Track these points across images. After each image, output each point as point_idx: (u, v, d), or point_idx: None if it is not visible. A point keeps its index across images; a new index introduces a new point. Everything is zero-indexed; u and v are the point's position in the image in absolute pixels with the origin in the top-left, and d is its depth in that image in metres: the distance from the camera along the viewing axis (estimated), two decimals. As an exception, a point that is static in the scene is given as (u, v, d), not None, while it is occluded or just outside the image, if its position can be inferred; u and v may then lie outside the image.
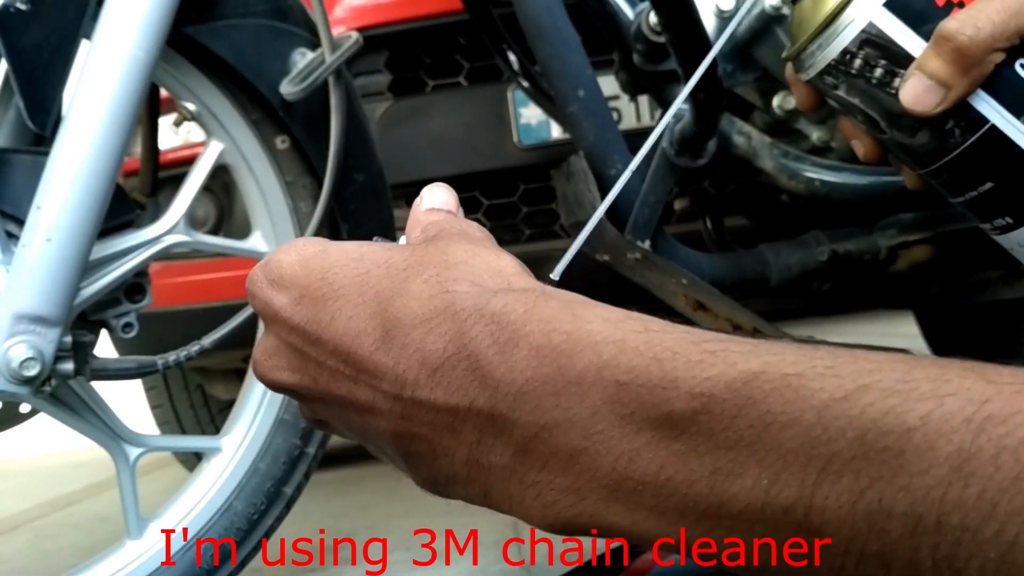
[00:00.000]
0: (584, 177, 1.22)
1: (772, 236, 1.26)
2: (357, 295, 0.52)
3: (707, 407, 0.42)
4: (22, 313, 1.10)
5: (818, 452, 0.39)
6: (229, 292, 1.94)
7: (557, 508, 0.46)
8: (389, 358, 0.50)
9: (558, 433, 0.45)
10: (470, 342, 0.48)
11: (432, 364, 0.48)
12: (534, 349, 0.46)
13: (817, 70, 0.87)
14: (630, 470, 0.43)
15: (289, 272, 0.55)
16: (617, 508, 0.44)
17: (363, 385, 0.51)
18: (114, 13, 1.13)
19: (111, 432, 1.28)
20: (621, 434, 0.44)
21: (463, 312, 0.49)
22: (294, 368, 0.55)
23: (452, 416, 0.48)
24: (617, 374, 0.44)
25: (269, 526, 1.38)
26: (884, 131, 0.86)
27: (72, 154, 1.11)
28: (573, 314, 0.47)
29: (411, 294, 0.51)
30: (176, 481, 2.44)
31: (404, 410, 0.50)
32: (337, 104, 1.25)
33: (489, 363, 0.47)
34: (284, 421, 1.38)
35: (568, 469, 0.45)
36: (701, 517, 0.42)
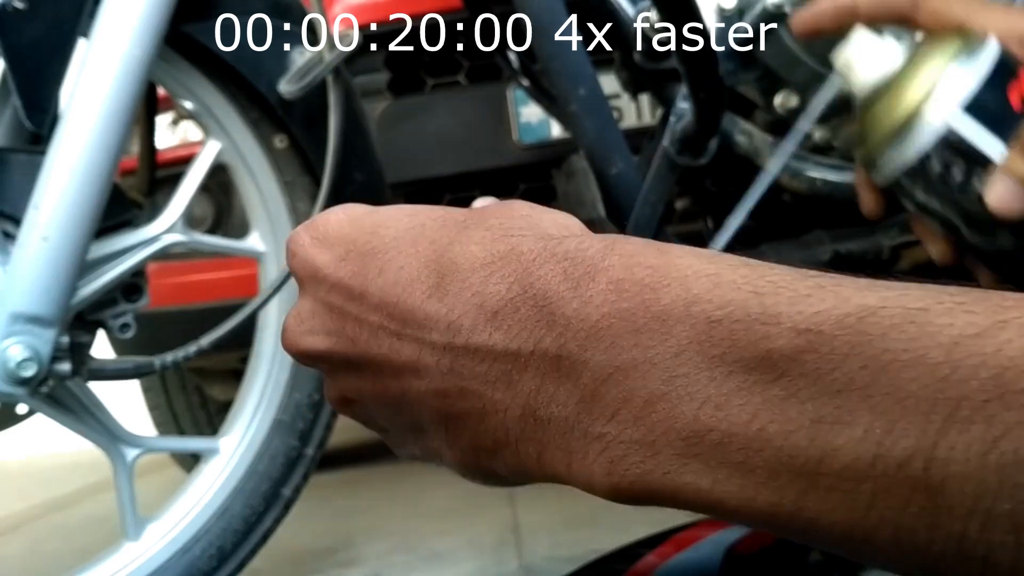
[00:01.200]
0: (585, 176, 1.22)
1: (774, 236, 1.25)
2: (410, 245, 0.49)
3: (814, 345, 0.37)
4: (19, 313, 1.10)
5: (945, 395, 0.34)
6: (227, 292, 1.94)
7: (624, 465, 0.41)
8: (442, 305, 0.46)
9: (635, 375, 0.40)
10: (538, 280, 0.43)
11: (491, 307, 0.44)
12: (613, 283, 0.41)
13: (894, 174, 0.87)
14: (715, 419, 0.38)
15: (336, 229, 0.52)
16: (695, 465, 0.39)
17: (408, 340, 0.47)
18: (112, 11, 1.13)
19: (108, 433, 1.28)
20: (709, 377, 0.38)
21: (530, 253, 0.44)
22: (329, 331, 0.51)
23: (511, 362, 0.43)
24: (709, 309, 0.39)
25: (267, 528, 1.38)
26: (962, 234, 0.86)
27: (69, 153, 1.11)
28: (659, 249, 0.42)
29: (471, 240, 0.47)
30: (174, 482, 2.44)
31: (454, 362, 0.45)
32: (336, 103, 1.25)
33: (560, 299, 0.42)
34: (282, 422, 1.38)
35: (642, 418, 0.40)
36: (796, 475, 0.37)
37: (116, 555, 1.30)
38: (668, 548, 1.30)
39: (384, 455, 3.09)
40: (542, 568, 1.54)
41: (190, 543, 1.32)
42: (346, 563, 1.75)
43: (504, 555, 1.66)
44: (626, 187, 1.20)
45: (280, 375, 1.39)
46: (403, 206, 0.52)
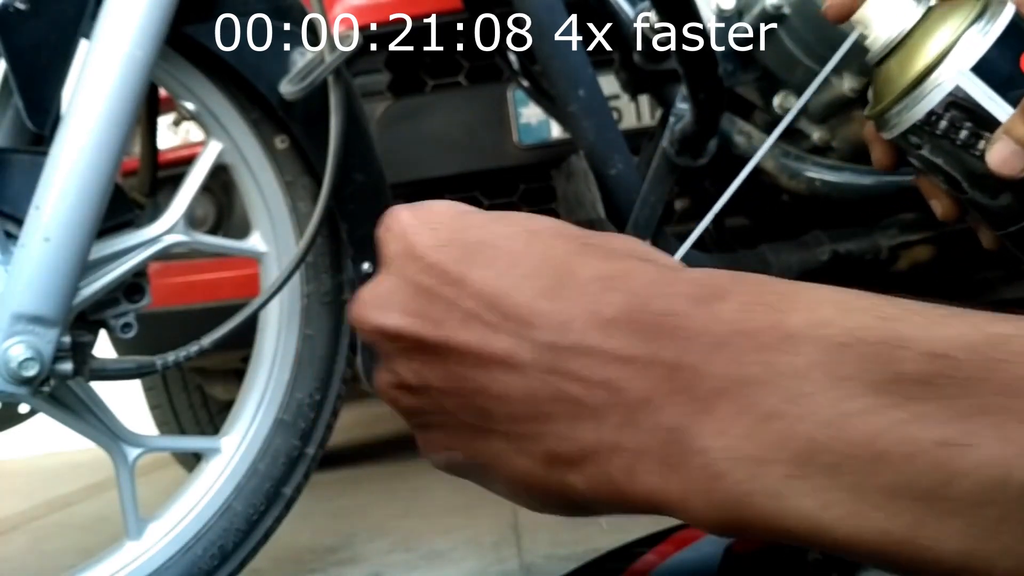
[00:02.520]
0: (584, 177, 1.22)
1: (773, 236, 1.26)
2: (524, 246, 0.46)
3: (945, 370, 0.36)
4: (21, 313, 1.10)
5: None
6: (228, 292, 1.94)
7: (727, 483, 0.39)
8: (554, 305, 0.43)
9: (755, 390, 0.39)
10: (661, 297, 0.42)
11: (608, 314, 0.42)
12: (742, 304, 0.40)
13: (901, 130, 0.89)
14: (834, 440, 0.37)
15: (443, 217, 0.49)
16: (804, 487, 0.37)
17: (506, 333, 0.44)
18: (113, 12, 1.14)
19: (110, 432, 1.28)
20: (833, 398, 0.37)
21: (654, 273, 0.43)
22: (411, 310, 0.47)
23: (621, 369, 0.41)
24: (838, 333, 0.38)
25: (268, 527, 1.38)
26: (965, 191, 0.89)
27: (71, 154, 1.12)
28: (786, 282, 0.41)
29: (592, 255, 0.45)
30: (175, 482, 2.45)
31: (555, 362, 0.43)
32: (337, 103, 1.25)
33: (685, 315, 0.41)
34: (283, 422, 1.38)
35: (754, 434, 0.38)
36: (915, 500, 0.36)
37: (118, 554, 1.30)
38: (667, 547, 1.30)
39: (384, 455, 3.10)
40: (542, 566, 1.54)
41: (192, 542, 1.33)
42: (347, 561, 1.76)
43: (504, 553, 1.66)
44: (625, 187, 1.21)
45: (281, 375, 1.39)
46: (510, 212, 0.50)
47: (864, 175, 1.18)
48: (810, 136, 1.21)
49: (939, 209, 0.94)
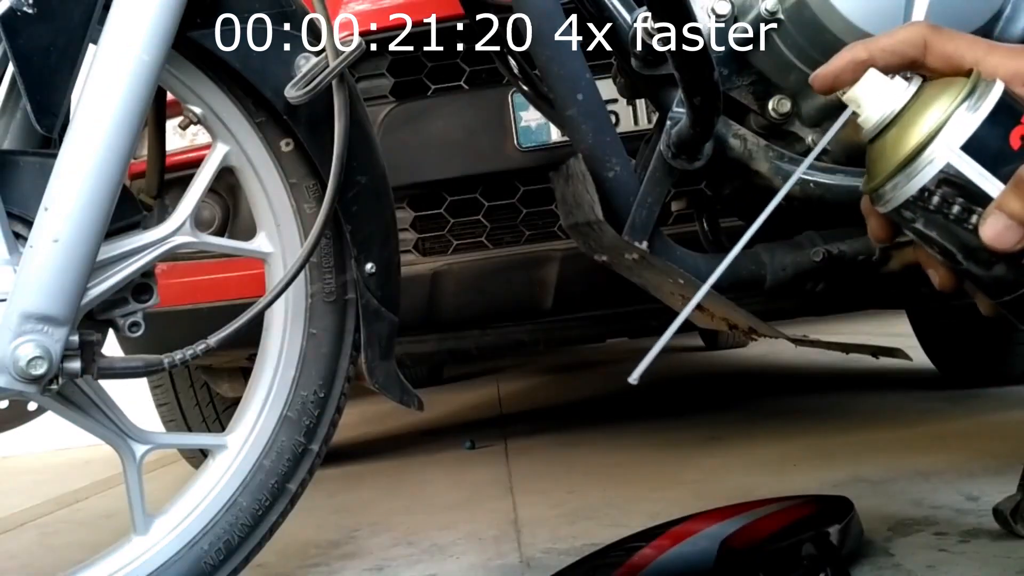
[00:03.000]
0: (583, 179, 1.23)
1: (767, 237, 1.27)
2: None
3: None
4: (30, 312, 1.11)
5: None
6: (234, 292, 1.96)
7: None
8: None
9: None
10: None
11: None
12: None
13: (895, 205, 0.92)
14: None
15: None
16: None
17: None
18: (120, 17, 1.14)
19: (118, 430, 1.29)
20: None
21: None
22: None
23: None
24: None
25: (273, 522, 1.40)
26: (960, 263, 0.91)
27: (79, 156, 1.12)
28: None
29: None
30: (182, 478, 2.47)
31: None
32: (340, 108, 1.26)
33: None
34: (288, 418, 1.40)
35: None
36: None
37: (125, 549, 1.32)
38: (664, 541, 1.32)
39: (387, 451, 3.11)
40: (541, 561, 1.55)
41: (198, 537, 1.34)
42: (350, 556, 1.77)
43: (504, 548, 1.68)
44: (623, 190, 1.22)
45: (286, 373, 1.40)
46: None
47: (857, 177, 1.19)
48: (804, 139, 1.23)
49: (936, 279, 0.97)
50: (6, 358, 1.11)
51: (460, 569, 1.59)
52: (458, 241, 1.94)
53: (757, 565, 1.26)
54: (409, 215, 1.93)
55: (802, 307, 2.27)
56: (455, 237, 1.94)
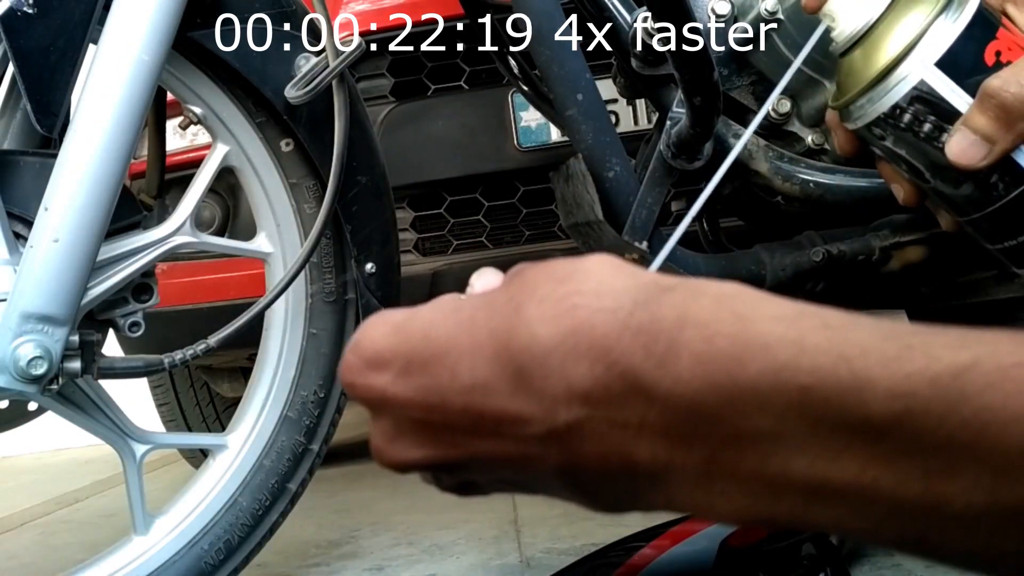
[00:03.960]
0: (583, 179, 1.23)
1: (767, 237, 1.27)
2: (469, 343, 0.45)
3: (910, 408, 0.36)
4: (30, 312, 1.11)
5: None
6: (234, 292, 1.96)
7: (753, 511, 0.41)
8: (531, 399, 0.43)
9: (743, 443, 0.40)
10: (621, 357, 0.41)
11: (582, 389, 0.42)
12: (696, 358, 0.40)
13: (865, 122, 0.90)
14: (830, 473, 0.38)
15: (384, 344, 0.48)
16: (818, 509, 0.40)
17: (509, 438, 0.45)
18: (120, 17, 1.14)
19: (118, 430, 1.29)
20: (814, 436, 0.38)
21: (601, 327, 0.42)
22: (424, 443, 0.48)
23: (621, 438, 0.42)
24: (799, 377, 0.38)
25: (273, 521, 1.40)
26: (928, 180, 0.89)
27: (79, 156, 1.12)
28: (735, 314, 0.41)
29: (531, 321, 0.44)
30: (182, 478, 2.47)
31: (562, 448, 0.43)
32: (340, 108, 1.26)
33: (650, 379, 0.41)
34: (288, 418, 1.40)
35: (758, 478, 0.40)
36: (915, 516, 0.38)
37: (125, 549, 1.32)
38: (664, 541, 1.32)
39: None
40: (541, 560, 1.56)
41: (198, 537, 1.34)
42: (350, 555, 1.77)
43: (504, 548, 1.68)
44: (623, 190, 1.22)
45: (286, 373, 1.40)
46: (439, 302, 0.49)
47: (857, 177, 1.19)
48: (804, 139, 1.23)
49: (900, 194, 0.96)
50: (6, 358, 1.11)
51: (460, 569, 1.59)
52: (458, 241, 1.94)
53: (757, 565, 1.26)
54: (409, 215, 1.93)
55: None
56: (455, 237, 1.94)
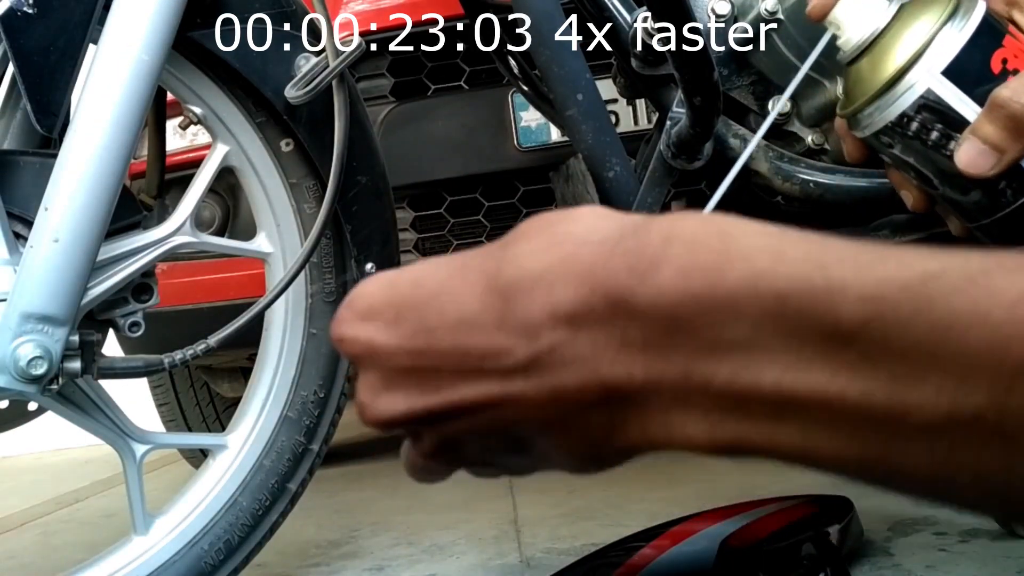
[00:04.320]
0: (583, 179, 1.23)
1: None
2: (460, 283, 0.48)
3: (880, 311, 0.38)
4: (30, 312, 1.11)
5: (1011, 353, 0.35)
6: (234, 292, 1.96)
7: (724, 429, 0.42)
8: (516, 327, 0.45)
9: (717, 352, 0.41)
10: (605, 279, 0.43)
11: (566, 310, 0.44)
12: (678, 270, 0.41)
13: (873, 130, 0.90)
14: (798, 384, 0.39)
15: (378, 297, 0.50)
16: (788, 427, 0.41)
17: (494, 374, 0.46)
18: (121, 17, 1.14)
19: (118, 430, 1.29)
20: (786, 347, 0.40)
21: (588, 255, 0.44)
22: (408, 392, 0.49)
23: (600, 357, 0.43)
24: (776, 284, 0.40)
25: (273, 521, 1.40)
26: (936, 187, 0.90)
27: (79, 156, 1.12)
28: (720, 231, 0.42)
29: (521, 255, 0.46)
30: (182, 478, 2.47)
31: (544, 374, 0.45)
32: (340, 108, 1.26)
33: (631, 294, 0.42)
34: (288, 418, 1.40)
35: (730, 388, 0.41)
36: (879, 430, 0.39)
37: (125, 549, 1.32)
38: (664, 541, 1.32)
39: (387, 451, 3.11)
40: (542, 560, 1.55)
41: (198, 537, 1.34)
42: (350, 556, 1.77)
43: (504, 548, 1.68)
44: (623, 190, 1.22)
45: (286, 373, 1.40)
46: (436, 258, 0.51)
47: (857, 177, 1.19)
48: (804, 139, 1.23)
49: (909, 200, 0.97)
50: (6, 358, 1.11)
51: (460, 569, 1.59)
52: (458, 241, 1.94)
53: (757, 565, 1.26)
54: (409, 215, 1.93)
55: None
56: (455, 237, 1.94)
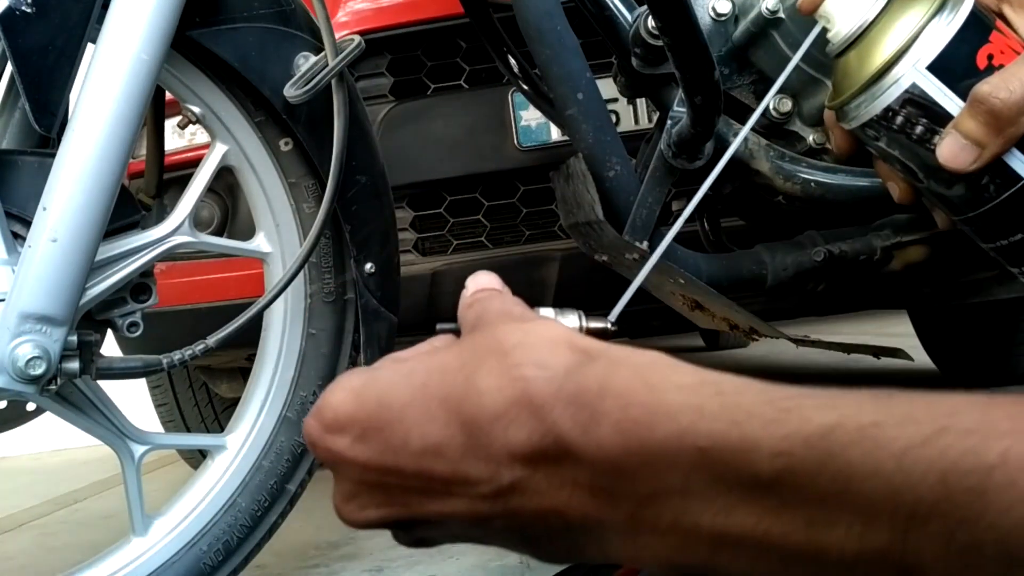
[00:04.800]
0: (583, 178, 1.23)
1: (768, 237, 1.27)
2: (423, 410, 0.51)
3: (789, 466, 0.42)
4: (28, 313, 1.11)
5: (903, 499, 0.39)
6: (233, 292, 1.95)
7: (673, 559, 0.47)
8: (477, 462, 0.49)
9: (658, 498, 0.45)
10: (553, 427, 0.47)
11: (522, 452, 0.48)
12: (614, 425, 0.46)
13: (860, 122, 0.91)
14: (729, 525, 0.44)
15: (343, 411, 0.53)
16: (725, 557, 0.45)
17: (459, 497, 0.51)
18: (119, 16, 1.14)
19: (117, 430, 1.29)
20: (716, 492, 0.44)
21: (538, 399, 0.48)
22: (380, 503, 0.54)
23: (557, 496, 0.48)
24: (697, 440, 0.44)
25: (272, 522, 1.40)
26: (921, 180, 0.91)
27: (78, 156, 1.12)
28: (647, 384, 0.47)
29: (479, 391, 0.50)
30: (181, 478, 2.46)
31: (507, 505, 0.50)
32: (340, 107, 1.26)
33: (577, 444, 0.47)
34: (288, 419, 1.39)
35: (674, 530, 0.46)
36: (803, 563, 0.43)
37: (124, 550, 1.32)
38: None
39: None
40: (540, 564, 1.55)
41: (197, 538, 1.34)
42: (349, 557, 1.77)
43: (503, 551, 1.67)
44: (623, 189, 1.22)
45: (285, 373, 1.40)
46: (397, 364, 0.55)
47: (858, 177, 1.19)
48: (805, 139, 1.22)
49: (895, 192, 0.98)
50: (4, 358, 1.11)
51: (460, 570, 1.58)
52: (458, 241, 1.94)
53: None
54: (409, 215, 1.92)
55: (803, 307, 2.26)
56: (455, 237, 1.94)
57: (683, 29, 1.07)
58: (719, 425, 0.44)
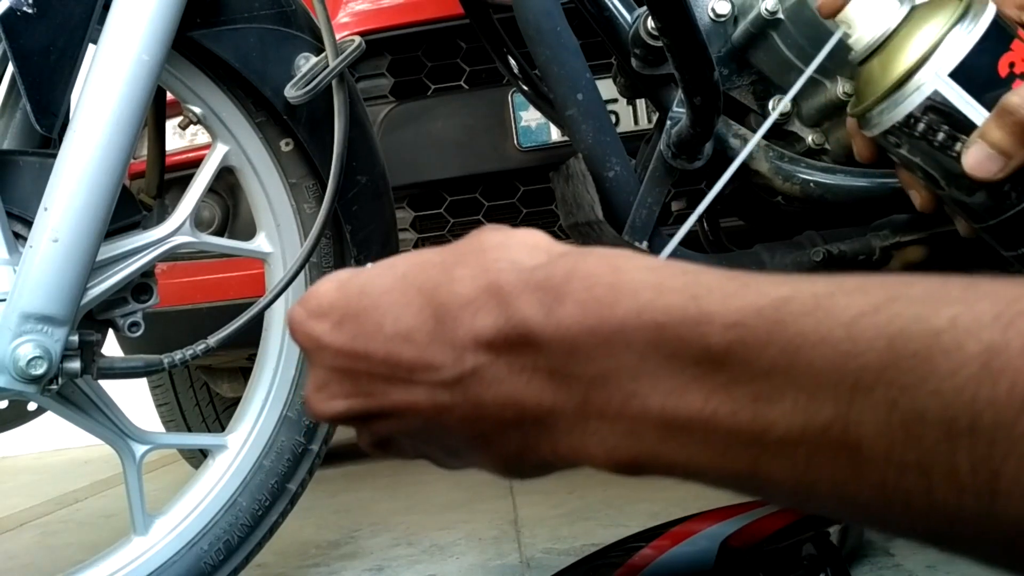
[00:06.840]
0: (583, 179, 1.23)
1: (767, 237, 1.27)
2: (400, 297, 0.53)
3: (740, 337, 0.42)
4: (29, 313, 1.11)
5: (849, 367, 0.39)
6: (234, 292, 1.96)
7: (619, 451, 0.47)
8: (444, 345, 0.51)
9: (611, 380, 0.46)
10: (517, 311, 0.48)
11: (486, 337, 0.49)
12: (578, 304, 0.47)
13: (882, 129, 0.91)
14: (679, 407, 0.44)
15: (327, 299, 0.56)
16: (672, 445, 0.45)
17: (422, 384, 0.52)
18: (120, 17, 1.14)
19: (118, 430, 1.29)
20: (667, 373, 0.44)
21: (507, 286, 0.50)
22: (347, 393, 0.55)
23: (515, 384, 0.49)
24: (656, 315, 0.45)
25: (273, 522, 1.40)
26: (943, 188, 0.91)
27: (79, 156, 1.12)
28: (613, 266, 0.48)
29: (454, 280, 0.52)
30: (181, 478, 2.46)
31: (467, 392, 0.51)
32: (340, 107, 1.26)
33: (539, 326, 0.48)
34: (288, 418, 1.40)
35: (623, 413, 0.46)
36: (747, 446, 0.43)
37: (125, 549, 1.32)
38: (664, 541, 1.32)
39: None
40: (541, 561, 1.55)
41: (197, 537, 1.34)
42: (350, 556, 1.77)
43: (504, 548, 1.68)
44: (623, 189, 1.22)
45: (286, 372, 1.40)
46: (383, 261, 0.57)
47: (857, 177, 1.19)
48: (804, 139, 1.23)
49: (917, 200, 0.98)
50: (6, 358, 1.11)
51: (460, 569, 1.59)
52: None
53: (757, 565, 1.25)
54: (409, 215, 1.93)
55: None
56: (455, 237, 1.93)
57: (683, 30, 1.07)
58: (678, 299, 0.45)
